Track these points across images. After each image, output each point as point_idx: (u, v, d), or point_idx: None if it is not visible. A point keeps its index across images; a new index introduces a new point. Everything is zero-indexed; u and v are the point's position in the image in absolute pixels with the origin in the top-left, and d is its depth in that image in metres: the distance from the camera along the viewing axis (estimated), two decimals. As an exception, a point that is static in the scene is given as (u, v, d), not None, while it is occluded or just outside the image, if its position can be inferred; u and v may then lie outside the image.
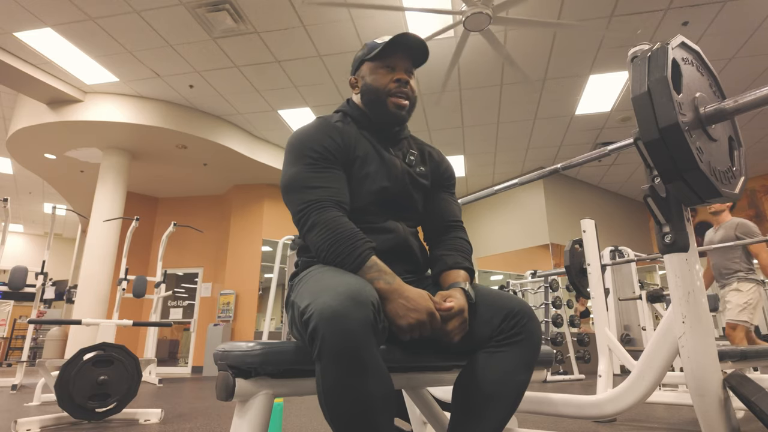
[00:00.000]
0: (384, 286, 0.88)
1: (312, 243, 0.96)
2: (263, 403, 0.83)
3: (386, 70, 1.10)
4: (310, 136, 1.05)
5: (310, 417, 2.71)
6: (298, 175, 1.01)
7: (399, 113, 1.10)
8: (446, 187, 1.23)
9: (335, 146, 1.04)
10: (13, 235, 11.86)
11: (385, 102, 1.10)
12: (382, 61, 1.11)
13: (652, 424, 2.44)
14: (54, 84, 5.50)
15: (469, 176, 8.37)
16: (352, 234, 0.93)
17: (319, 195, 0.97)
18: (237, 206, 8.12)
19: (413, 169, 1.15)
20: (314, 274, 0.92)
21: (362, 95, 1.14)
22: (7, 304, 11.65)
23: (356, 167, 1.07)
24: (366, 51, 1.14)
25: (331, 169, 1.02)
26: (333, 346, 0.73)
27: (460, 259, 1.08)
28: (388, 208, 1.09)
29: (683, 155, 0.84)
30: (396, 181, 1.10)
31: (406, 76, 1.11)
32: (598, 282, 2.50)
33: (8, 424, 2.43)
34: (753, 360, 1.71)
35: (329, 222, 0.94)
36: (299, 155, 1.02)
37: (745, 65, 5.21)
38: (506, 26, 3.86)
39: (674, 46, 0.93)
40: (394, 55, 1.10)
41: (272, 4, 4.29)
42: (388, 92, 1.09)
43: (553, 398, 1.39)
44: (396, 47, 1.10)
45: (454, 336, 0.89)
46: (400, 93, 1.09)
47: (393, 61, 1.11)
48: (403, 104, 1.10)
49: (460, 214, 1.21)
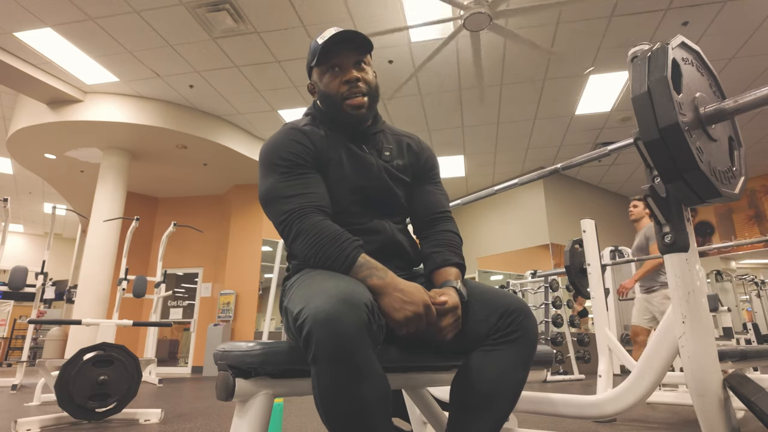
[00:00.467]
0: (378, 282, 0.87)
1: (299, 252, 0.95)
2: (263, 403, 0.83)
3: (333, 72, 1.06)
4: (279, 144, 1.02)
5: (310, 417, 2.71)
6: (272, 187, 0.99)
7: (358, 113, 1.06)
8: (429, 177, 1.19)
9: (305, 151, 1.02)
10: (13, 235, 11.86)
11: (341, 106, 1.06)
12: (326, 64, 1.06)
13: (652, 424, 2.44)
14: (54, 84, 5.50)
15: (469, 176, 8.37)
16: (338, 236, 0.92)
17: (298, 203, 0.96)
18: (237, 206, 8.12)
19: (390, 164, 1.11)
20: (305, 278, 0.91)
21: (320, 102, 1.11)
22: (7, 304, 11.65)
23: (331, 169, 1.05)
24: (310, 56, 1.09)
25: (305, 175, 1.00)
26: (327, 350, 0.72)
27: (448, 255, 1.06)
28: (370, 207, 1.07)
29: (683, 155, 0.84)
30: (373, 179, 1.07)
31: (356, 72, 1.05)
32: (598, 282, 2.50)
33: (8, 424, 2.43)
34: (753, 360, 1.71)
35: (312, 228, 0.93)
36: (270, 166, 1.01)
37: (745, 65, 5.21)
38: (503, 36, 3.86)
39: (674, 46, 0.93)
40: (338, 54, 1.05)
41: (272, 4, 4.29)
42: (341, 96, 1.05)
43: (553, 398, 1.39)
44: (336, 46, 1.05)
45: (447, 333, 0.89)
46: (352, 94, 1.05)
47: (338, 60, 1.05)
48: (359, 103, 1.05)
49: (447, 203, 1.18)
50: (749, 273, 8.12)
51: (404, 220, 1.17)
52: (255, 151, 7.03)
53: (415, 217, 1.16)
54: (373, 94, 1.08)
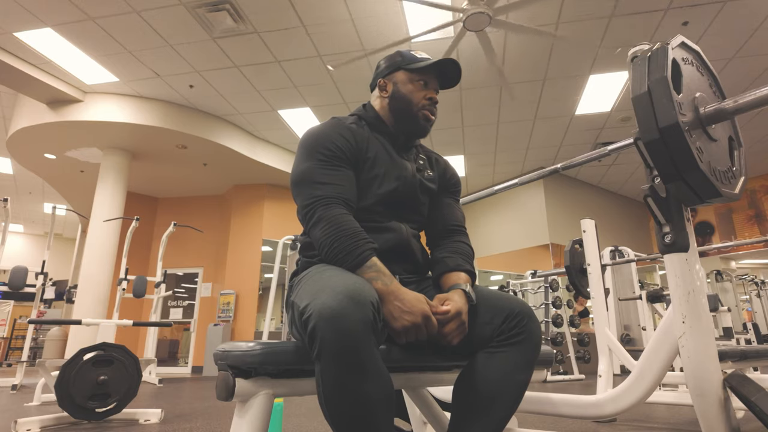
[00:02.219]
0: (381, 287, 0.88)
1: (315, 238, 0.97)
2: (263, 403, 0.83)
3: (422, 84, 1.15)
4: (324, 134, 1.07)
5: (310, 417, 2.71)
6: (308, 171, 1.02)
7: (426, 126, 1.16)
8: (452, 192, 1.25)
9: (347, 145, 1.06)
10: (13, 235, 11.86)
11: (417, 115, 1.14)
12: (419, 75, 1.15)
13: (652, 424, 2.43)
14: (54, 84, 5.50)
15: (469, 176, 8.37)
16: (355, 233, 0.94)
17: (327, 191, 0.99)
18: (237, 206, 8.12)
19: (422, 173, 1.18)
20: (313, 274, 0.92)
21: (391, 100, 1.16)
22: (7, 304, 11.65)
23: (366, 168, 1.09)
24: (403, 59, 1.17)
25: (341, 168, 1.04)
26: (332, 346, 0.73)
27: (461, 261, 1.08)
28: (393, 209, 1.11)
29: (683, 155, 0.84)
30: (406, 183, 1.12)
31: (436, 95, 1.16)
32: (598, 282, 2.50)
33: (8, 424, 2.43)
34: (753, 360, 1.71)
35: (334, 219, 0.95)
36: (312, 151, 1.04)
37: (745, 65, 5.21)
38: (505, 29, 3.86)
39: (674, 46, 0.93)
40: (430, 73, 1.16)
41: (272, 4, 4.29)
42: (421, 106, 1.14)
43: (553, 398, 1.39)
44: (435, 67, 1.15)
45: (453, 339, 0.90)
46: (430, 109, 1.15)
47: (428, 78, 1.16)
48: (432, 119, 1.15)
49: (463, 220, 1.22)
50: (749, 273, 8.12)
51: (420, 228, 1.20)
52: (255, 151, 7.03)
53: (431, 226, 1.20)
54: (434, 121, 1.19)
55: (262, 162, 7.09)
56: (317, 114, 6.28)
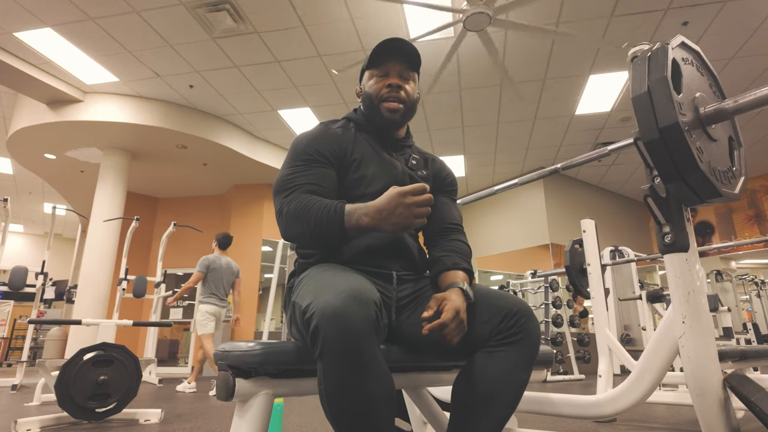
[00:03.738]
0: (369, 221, 0.90)
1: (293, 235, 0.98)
2: (263, 403, 0.83)
3: (380, 76, 1.13)
4: (307, 140, 1.08)
5: (310, 417, 2.71)
6: (286, 176, 1.03)
7: (392, 117, 1.12)
8: (447, 192, 1.24)
9: (330, 150, 1.07)
10: (13, 235, 11.86)
11: (378, 107, 1.12)
12: (377, 68, 1.14)
13: (652, 424, 2.43)
14: (54, 84, 5.50)
15: (469, 176, 8.37)
16: (319, 200, 0.96)
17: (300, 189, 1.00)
18: (237, 206, 8.11)
19: (414, 172, 1.17)
20: (314, 274, 0.92)
21: (362, 102, 1.17)
22: (7, 304, 11.65)
23: (353, 168, 1.08)
24: (366, 62, 1.17)
25: (319, 169, 1.04)
26: (335, 345, 0.73)
27: (458, 260, 1.08)
28: None
29: (683, 155, 0.84)
30: (396, 180, 1.10)
31: (398, 80, 1.13)
32: (598, 282, 2.50)
33: (8, 424, 2.43)
34: (753, 360, 1.71)
35: (298, 203, 0.96)
36: (293, 158, 1.06)
37: (745, 65, 5.21)
38: (506, 28, 3.86)
39: (674, 46, 0.93)
40: (388, 61, 1.13)
41: (272, 4, 4.29)
42: (380, 98, 1.12)
43: (553, 398, 1.39)
44: (387, 53, 1.13)
45: (453, 338, 0.90)
46: (391, 98, 1.11)
47: (387, 67, 1.13)
48: (395, 108, 1.12)
49: (460, 219, 1.22)
50: (749, 273, 8.13)
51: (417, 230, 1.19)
52: (255, 151, 7.02)
53: (428, 226, 1.19)
54: (410, 106, 1.15)
55: (262, 162, 7.09)
56: (317, 114, 6.28)
